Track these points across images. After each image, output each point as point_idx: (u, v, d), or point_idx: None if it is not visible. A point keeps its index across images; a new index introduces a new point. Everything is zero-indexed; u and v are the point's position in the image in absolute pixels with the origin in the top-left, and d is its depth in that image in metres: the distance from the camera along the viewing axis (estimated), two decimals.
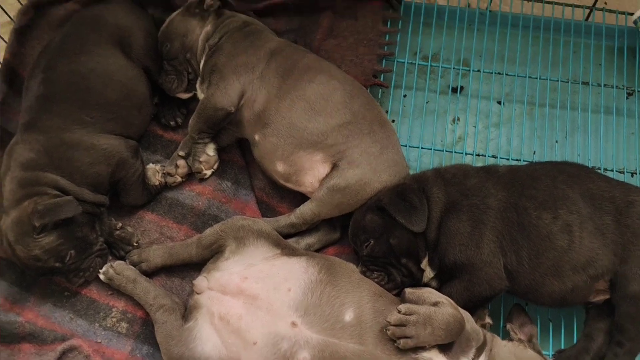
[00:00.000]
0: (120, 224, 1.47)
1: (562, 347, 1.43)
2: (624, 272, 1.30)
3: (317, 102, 1.42)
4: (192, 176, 1.54)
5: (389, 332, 1.19)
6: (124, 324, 1.42)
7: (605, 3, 1.87)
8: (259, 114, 1.44)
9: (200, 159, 1.50)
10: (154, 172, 1.51)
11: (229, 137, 1.54)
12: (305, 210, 1.43)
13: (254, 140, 1.47)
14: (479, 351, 1.26)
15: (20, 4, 1.62)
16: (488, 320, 1.40)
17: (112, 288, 1.43)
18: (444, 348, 1.21)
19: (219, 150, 1.54)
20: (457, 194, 1.37)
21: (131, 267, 1.42)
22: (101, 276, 1.40)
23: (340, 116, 1.42)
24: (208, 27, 1.52)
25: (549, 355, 1.43)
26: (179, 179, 1.52)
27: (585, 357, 1.36)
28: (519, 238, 1.32)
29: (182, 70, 1.53)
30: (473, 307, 1.34)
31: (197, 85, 1.53)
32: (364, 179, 1.40)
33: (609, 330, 1.36)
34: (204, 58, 1.51)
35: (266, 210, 1.56)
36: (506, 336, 1.39)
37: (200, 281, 1.35)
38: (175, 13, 1.56)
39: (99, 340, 1.39)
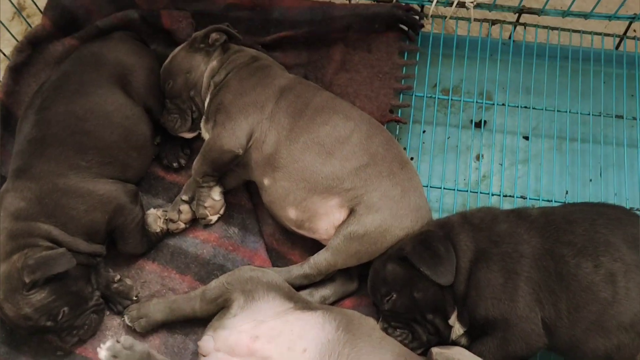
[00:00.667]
0: (118, 276, 1.35)
1: None
2: None
3: (332, 145, 1.32)
4: (196, 222, 1.43)
5: None
6: None
7: (635, 31, 1.77)
8: (269, 156, 1.33)
9: (206, 204, 1.39)
10: (155, 218, 1.40)
11: (235, 179, 1.44)
12: (320, 260, 1.32)
13: (263, 185, 1.36)
14: None
15: (16, 40, 1.54)
16: None
17: None
18: None
19: (225, 193, 1.43)
20: (487, 242, 1.25)
21: (140, 343, 1.23)
22: (102, 354, 1.17)
23: (358, 159, 1.31)
24: (213, 63, 1.43)
25: None
26: (182, 225, 1.41)
27: None
28: (557, 289, 1.19)
29: (185, 109, 1.43)
30: None
31: (202, 125, 1.43)
32: (384, 226, 1.28)
33: None
34: (209, 96, 1.41)
35: (276, 259, 1.44)
36: None
37: (206, 342, 1.23)
38: (178, 48, 1.46)
39: None
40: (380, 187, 1.30)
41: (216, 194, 1.40)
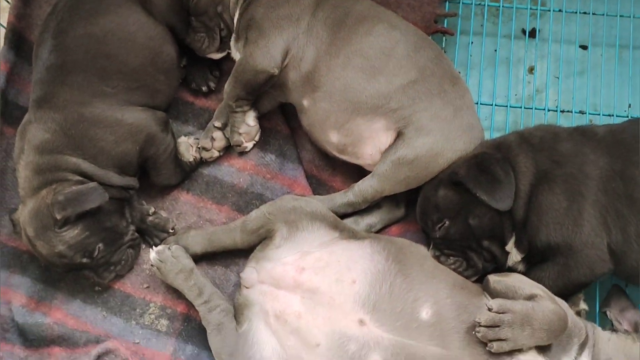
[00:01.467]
0: (152, 209, 1.30)
1: None
2: None
3: (376, 58, 1.20)
4: (230, 149, 1.35)
5: (479, 335, 1.01)
6: (163, 321, 1.27)
7: None
8: (308, 75, 1.22)
9: (240, 130, 1.30)
10: (187, 146, 1.32)
11: (271, 102, 1.34)
12: (366, 187, 1.24)
13: (302, 107, 1.26)
14: (582, 348, 1.10)
15: None
16: (583, 306, 1.23)
17: (148, 280, 1.28)
18: (542, 348, 1.05)
19: (260, 118, 1.34)
20: (549, 162, 1.17)
21: (187, 255, 1.23)
22: (152, 255, 1.21)
23: (405, 74, 1.20)
24: None
25: None
26: (216, 154, 1.33)
27: None
28: (627, 212, 1.12)
29: (213, 27, 1.31)
30: (568, 294, 1.17)
31: (232, 44, 1.32)
32: (436, 149, 1.19)
33: None
34: (238, 11, 1.28)
35: (317, 186, 1.37)
36: (602, 321, 1.21)
37: (250, 273, 1.18)
38: None
39: (137, 341, 1.25)
40: (430, 106, 1.20)
41: (251, 119, 1.31)
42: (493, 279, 1.14)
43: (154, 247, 1.23)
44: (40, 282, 1.28)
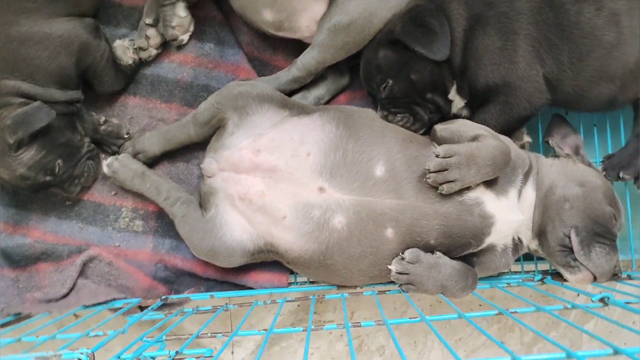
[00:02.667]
0: (103, 118, 1.29)
1: (610, 152, 1.30)
2: None
3: None
4: (167, 45, 1.32)
5: (429, 180, 1.07)
6: (138, 222, 1.32)
7: None
8: None
9: (173, 24, 1.27)
10: (124, 49, 1.29)
11: None
12: (307, 59, 1.24)
13: None
14: (526, 177, 1.17)
15: None
16: (527, 139, 1.28)
17: (115, 187, 1.31)
18: (489, 182, 1.11)
19: (191, 8, 1.30)
20: (480, 5, 1.16)
21: (136, 160, 1.28)
22: (105, 168, 1.26)
23: None
24: None
25: (596, 163, 1.31)
26: (154, 51, 1.31)
27: (638, 158, 1.24)
28: (558, 41, 1.14)
29: None
30: (511, 130, 1.22)
31: None
32: (369, 9, 1.18)
33: None
34: None
35: (261, 67, 1.36)
36: (546, 151, 1.28)
37: (209, 163, 1.21)
38: None
39: (117, 244, 1.30)
40: None
41: (181, 9, 1.26)
42: (439, 127, 1.18)
43: (104, 161, 1.27)
44: (12, 207, 1.30)
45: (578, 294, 1.41)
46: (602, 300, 0.95)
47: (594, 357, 0.67)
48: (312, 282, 1.30)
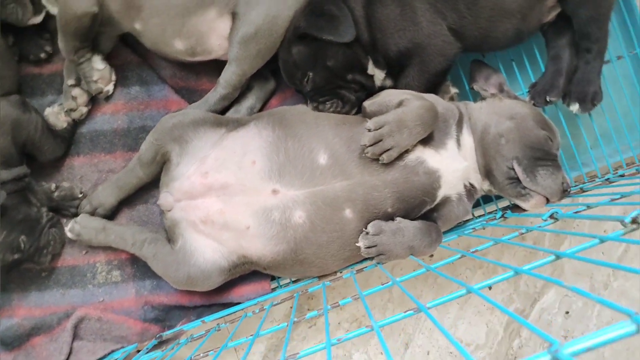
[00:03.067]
0: (54, 185, 1.33)
1: (533, 81, 1.37)
2: None
3: None
4: (96, 99, 1.36)
5: (369, 155, 1.12)
6: (115, 273, 1.35)
7: None
8: (126, 0, 1.22)
9: (94, 78, 1.31)
10: (55, 115, 1.33)
11: (109, 39, 1.33)
12: (229, 75, 1.29)
13: (138, 31, 1.27)
14: (459, 125, 1.22)
15: None
16: (453, 90, 1.34)
17: (85, 246, 1.34)
18: (426, 140, 1.16)
19: (108, 58, 1.34)
20: None
21: (95, 217, 1.32)
22: (69, 234, 1.30)
23: None
24: None
25: (523, 95, 1.37)
26: (85, 109, 1.34)
27: (559, 79, 1.30)
28: None
29: None
30: (435, 86, 1.27)
31: (44, 1, 1.28)
32: (271, 13, 1.23)
33: (572, 42, 1.30)
34: None
35: (189, 95, 1.40)
36: (475, 98, 1.34)
37: (165, 198, 1.25)
38: None
39: (101, 299, 1.33)
40: None
41: (98, 63, 1.31)
42: (367, 103, 1.23)
43: (65, 227, 1.31)
44: None
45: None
46: (551, 216, 1.00)
47: (538, 267, 0.72)
48: (295, 281, 1.34)
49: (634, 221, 0.72)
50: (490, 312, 1.51)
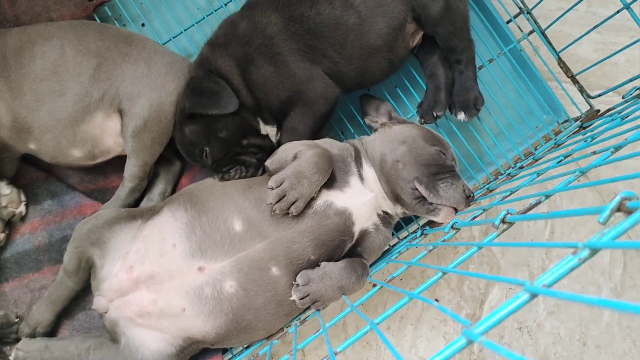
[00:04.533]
0: None
1: (419, 100, 1.45)
2: (419, 2, 1.29)
3: (54, 72, 1.25)
4: (10, 223, 1.38)
5: (277, 211, 1.16)
6: None
7: None
8: (14, 125, 1.26)
9: (4, 204, 1.33)
10: None
11: (10, 163, 1.36)
12: (131, 169, 1.33)
13: (34, 150, 1.30)
14: (358, 161, 1.27)
15: None
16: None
17: None
18: (329, 184, 1.21)
19: (14, 180, 1.37)
20: (240, 48, 1.28)
21: (36, 338, 1.31)
22: None
23: (86, 66, 1.26)
24: None
25: (414, 116, 1.45)
26: (2, 235, 1.36)
27: (440, 94, 1.38)
28: (317, 43, 1.27)
29: None
30: (319, 128, 1.33)
31: None
32: (154, 102, 1.28)
33: (443, 58, 1.38)
34: None
35: (102, 195, 1.44)
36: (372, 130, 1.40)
37: (98, 301, 1.26)
38: None
39: None
40: (124, 74, 1.27)
41: (4, 188, 1.33)
42: (268, 162, 1.27)
43: (9, 356, 1.30)
44: None
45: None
46: (452, 227, 1.05)
47: (460, 263, 0.77)
48: (247, 347, 1.36)
49: (503, 221, 0.77)
50: (444, 324, 1.55)
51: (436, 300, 1.56)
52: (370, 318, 0.80)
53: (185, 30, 1.53)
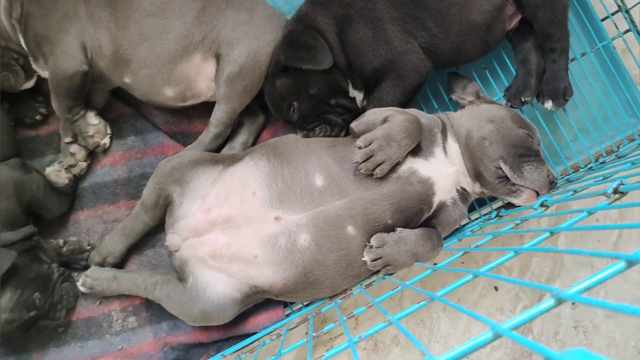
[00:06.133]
0: (62, 240, 1.37)
1: (506, 85, 1.44)
2: None
3: (161, 9, 1.27)
4: (94, 153, 1.41)
5: (362, 171, 1.17)
6: (131, 319, 1.37)
7: None
8: (114, 55, 1.28)
9: (90, 133, 1.36)
10: (56, 173, 1.38)
11: (101, 95, 1.39)
12: (219, 114, 1.35)
13: (128, 84, 1.33)
14: (444, 134, 1.28)
15: None
16: None
17: (98, 297, 1.37)
18: (415, 151, 1.22)
19: (101, 112, 1.40)
20: (342, 9, 1.29)
21: (105, 267, 1.35)
22: (81, 288, 1.33)
23: (191, 7, 1.28)
24: (2, 2, 1.30)
25: (500, 99, 1.45)
26: (84, 164, 1.39)
27: (530, 80, 1.38)
28: (419, 13, 1.27)
29: (8, 62, 1.33)
30: (407, 101, 1.33)
31: (34, 67, 1.34)
32: (252, 51, 1.30)
33: (537, 44, 1.38)
34: (20, 35, 1.30)
35: (184, 139, 1.46)
36: (457, 108, 1.40)
37: (171, 239, 1.29)
38: None
39: (120, 347, 1.36)
40: (226, 20, 1.29)
41: (92, 118, 1.36)
42: (354, 124, 1.28)
43: (77, 282, 1.34)
44: (11, 354, 1.34)
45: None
46: (542, 204, 1.05)
47: (536, 244, 0.77)
48: (307, 305, 1.38)
49: (615, 191, 0.77)
50: (500, 312, 1.54)
51: (495, 288, 1.56)
52: (425, 296, 0.80)
53: None
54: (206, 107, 1.41)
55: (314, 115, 1.32)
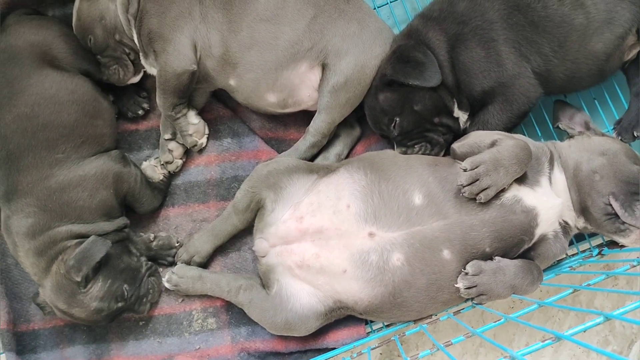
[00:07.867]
0: (152, 235, 1.38)
1: (617, 117, 1.37)
2: None
3: (274, 15, 1.28)
4: (190, 152, 1.43)
5: (466, 194, 1.13)
6: (210, 320, 1.37)
7: None
8: (223, 57, 1.29)
9: (189, 132, 1.38)
10: (152, 168, 1.40)
11: (203, 95, 1.41)
12: (318, 124, 1.33)
13: (232, 86, 1.34)
14: (551, 163, 1.23)
15: None
16: None
17: (180, 295, 1.37)
18: (521, 179, 1.17)
19: (201, 113, 1.42)
20: (455, 26, 1.27)
21: (191, 266, 1.35)
22: (166, 284, 1.34)
23: (304, 15, 1.28)
24: None
25: (609, 131, 1.38)
26: (180, 162, 1.41)
27: None
28: (536, 37, 1.23)
29: (120, 56, 1.36)
30: (512, 127, 1.28)
31: (144, 62, 1.36)
32: (359, 63, 1.29)
33: None
34: (134, 31, 1.33)
35: (279, 145, 1.46)
36: (561, 138, 1.35)
37: (260, 244, 1.28)
38: (77, 1, 1.35)
39: (197, 347, 1.36)
40: (337, 30, 1.29)
41: (193, 117, 1.38)
42: (456, 145, 1.25)
43: (163, 278, 1.35)
44: (91, 343, 1.36)
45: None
46: None
47: (630, 311, 0.71)
48: (388, 325, 1.34)
49: None
50: (586, 355, 1.47)
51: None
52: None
53: (391, 2, 1.53)
54: (303, 115, 1.41)
55: (415, 132, 1.29)
